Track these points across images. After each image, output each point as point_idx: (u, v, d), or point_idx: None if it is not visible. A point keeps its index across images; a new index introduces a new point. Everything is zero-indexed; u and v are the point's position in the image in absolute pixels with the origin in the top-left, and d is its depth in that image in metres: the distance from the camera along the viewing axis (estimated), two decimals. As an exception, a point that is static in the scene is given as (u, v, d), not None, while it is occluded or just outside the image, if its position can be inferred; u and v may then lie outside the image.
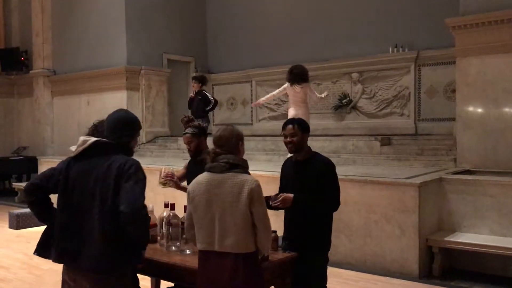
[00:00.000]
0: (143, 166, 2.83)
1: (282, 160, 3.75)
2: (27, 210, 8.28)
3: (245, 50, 11.66)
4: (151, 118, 11.03)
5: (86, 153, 2.83)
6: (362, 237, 5.69)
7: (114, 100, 10.89)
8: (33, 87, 12.43)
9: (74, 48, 11.84)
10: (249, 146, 9.45)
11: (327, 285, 3.58)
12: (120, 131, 2.92)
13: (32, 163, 11.01)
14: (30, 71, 12.52)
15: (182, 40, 11.86)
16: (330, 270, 5.62)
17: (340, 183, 3.50)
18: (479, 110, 6.59)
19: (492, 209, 5.50)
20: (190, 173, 4.01)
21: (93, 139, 2.86)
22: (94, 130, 3.19)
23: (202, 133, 4.17)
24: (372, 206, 5.61)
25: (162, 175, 4.00)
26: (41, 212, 2.91)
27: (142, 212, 2.68)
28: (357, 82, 9.76)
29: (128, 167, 2.74)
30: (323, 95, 7.89)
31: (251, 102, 11.54)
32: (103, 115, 3.10)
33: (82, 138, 2.89)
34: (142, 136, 10.95)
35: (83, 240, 2.73)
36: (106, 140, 2.88)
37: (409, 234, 5.37)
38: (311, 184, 3.35)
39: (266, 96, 8.32)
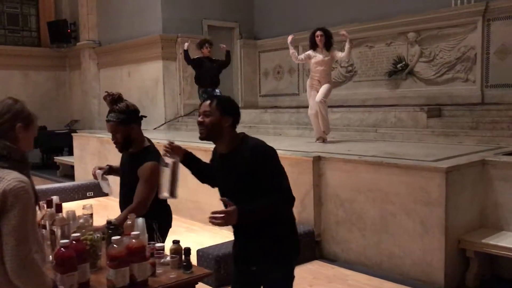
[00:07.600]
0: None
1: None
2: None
3: (293, 12, 10.48)
4: (190, 89, 10.25)
5: None
6: (378, 233, 4.55)
7: (151, 71, 10.35)
8: (80, 59, 12.23)
9: (116, 17, 11.36)
10: (283, 119, 8.51)
11: None
12: None
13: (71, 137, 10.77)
14: (77, 43, 12.32)
15: (225, 3, 10.91)
16: (337, 271, 4.64)
17: (351, 165, 2.43)
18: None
19: (552, 203, 4.12)
20: (125, 170, 3.11)
21: None
22: None
23: (131, 118, 2.95)
24: (389, 195, 4.43)
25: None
26: None
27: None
28: (414, 43, 8.40)
29: None
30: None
31: (298, 70, 10.47)
32: (142, 87, 2.30)
33: None
34: (180, 109, 10.32)
35: None
36: None
37: (433, 232, 4.15)
38: (242, 180, 2.38)
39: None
